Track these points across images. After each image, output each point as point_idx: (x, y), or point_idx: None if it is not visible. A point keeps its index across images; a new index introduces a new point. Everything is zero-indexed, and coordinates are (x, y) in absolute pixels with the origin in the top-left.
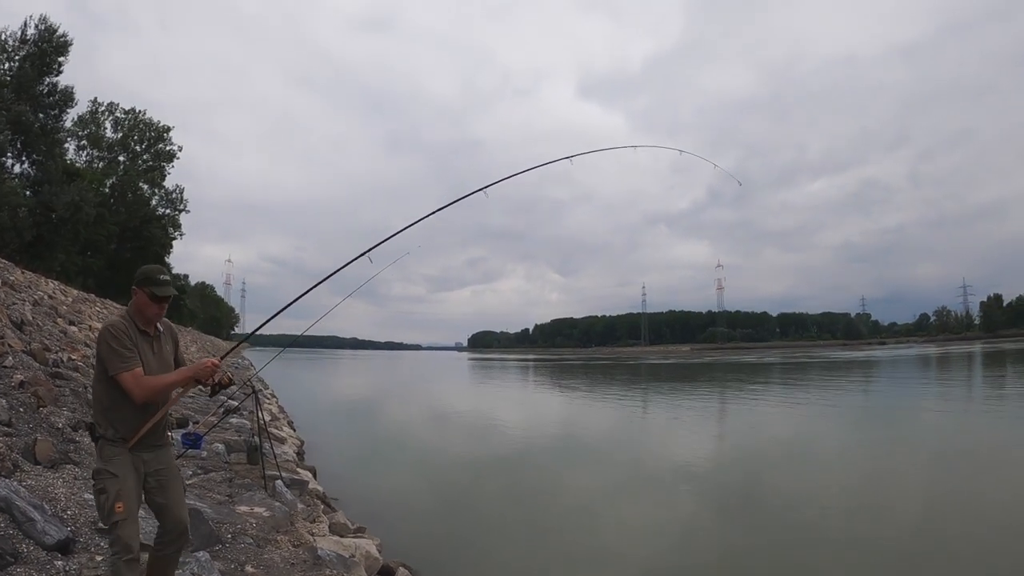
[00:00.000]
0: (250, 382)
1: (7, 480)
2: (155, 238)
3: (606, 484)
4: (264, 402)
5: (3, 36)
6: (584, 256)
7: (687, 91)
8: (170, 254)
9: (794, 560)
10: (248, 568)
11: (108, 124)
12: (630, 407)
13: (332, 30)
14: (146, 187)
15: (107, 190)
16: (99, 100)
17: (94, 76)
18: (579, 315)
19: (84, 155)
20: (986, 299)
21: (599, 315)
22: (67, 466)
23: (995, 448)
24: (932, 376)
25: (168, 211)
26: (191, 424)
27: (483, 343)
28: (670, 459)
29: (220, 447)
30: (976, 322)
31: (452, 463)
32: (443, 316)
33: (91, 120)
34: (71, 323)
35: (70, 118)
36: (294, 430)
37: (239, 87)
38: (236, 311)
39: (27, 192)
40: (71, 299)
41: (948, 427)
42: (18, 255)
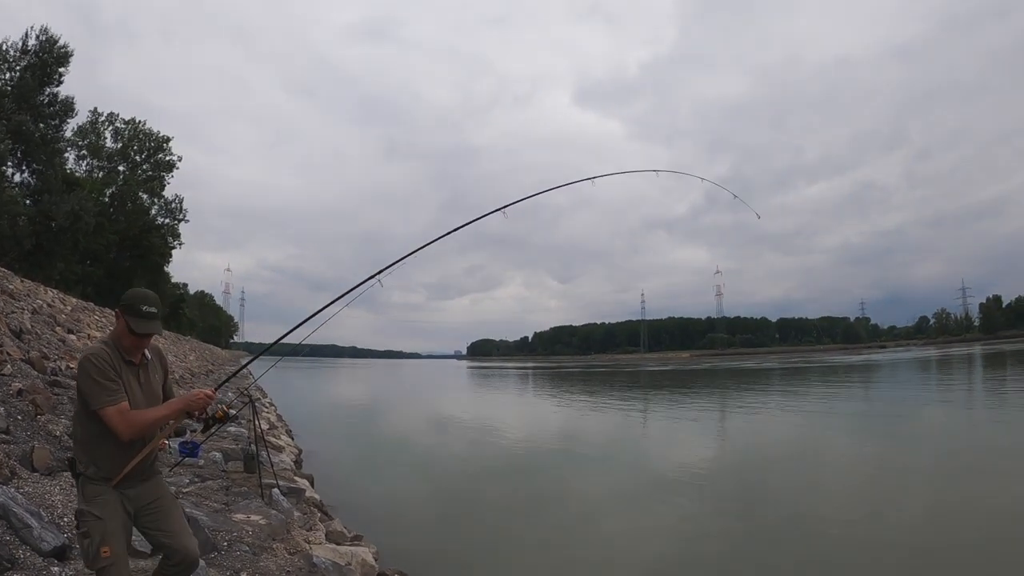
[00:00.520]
0: (248, 391)
1: (5, 487)
2: (154, 247)
3: (603, 492)
4: (262, 411)
5: (4, 46)
6: (583, 263)
7: (684, 97)
8: (169, 263)
9: (796, 565)
10: (244, 575)
11: (108, 134)
12: (627, 414)
13: (331, 39)
14: (146, 197)
15: (107, 199)
16: (99, 110)
17: (96, 86)
18: (578, 322)
19: (84, 165)
20: (985, 300)
21: (598, 322)
22: (64, 474)
23: (993, 451)
24: (929, 379)
25: (167, 220)
26: (188, 432)
27: (482, 351)
28: (667, 466)
29: (217, 455)
30: (976, 324)
31: (450, 471)
32: (442, 324)
33: (91, 130)
34: (70, 331)
35: (70, 128)
36: (292, 439)
37: (239, 96)
38: (235, 320)
39: (27, 201)
40: (70, 308)
41: (945, 431)
42: (17, 264)
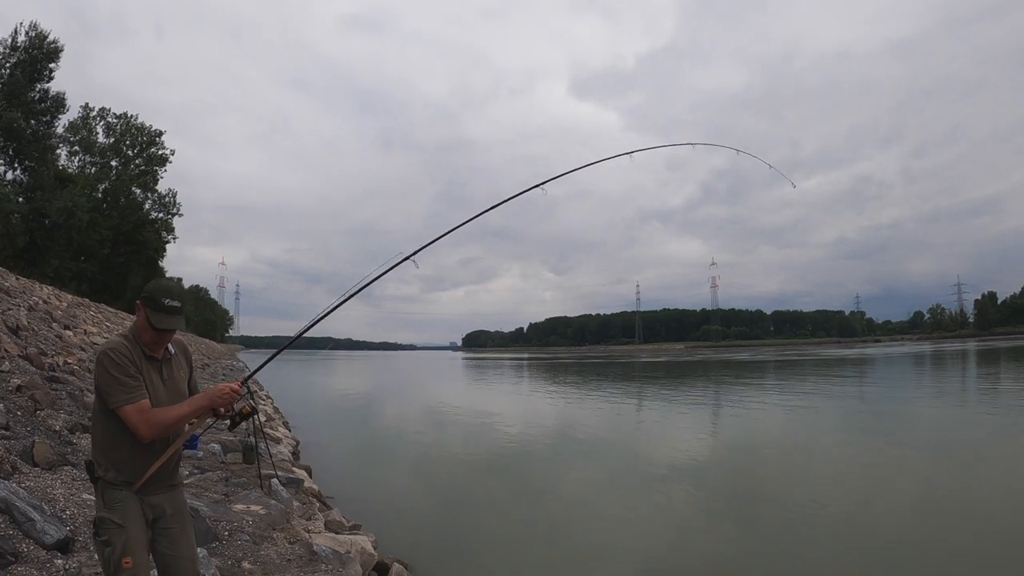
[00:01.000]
0: (246, 384)
1: (7, 482)
2: (148, 242)
3: (596, 480)
4: (259, 403)
5: None
6: (578, 254)
7: (681, 89)
8: (163, 258)
9: (788, 553)
10: (245, 564)
11: (100, 129)
12: (620, 404)
13: (326, 31)
14: (139, 191)
15: (99, 195)
16: (90, 105)
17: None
18: (573, 313)
19: (76, 160)
20: (980, 297)
21: (593, 313)
22: (65, 468)
23: (982, 443)
24: (921, 374)
25: (161, 215)
26: (187, 424)
27: (477, 342)
28: (658, 456)
29: (216, 447)
30: (971, 320)
31: (445, 461)
32: (437, 316)
33: (83, 126)
34: (66, 328)
35: (62, 124)
36: (289, 430)
37: (233, 90)
38: (230, 314)
39: (19, 198)
40: (66, 304)
41: (934, 424)
42: (12, 261)
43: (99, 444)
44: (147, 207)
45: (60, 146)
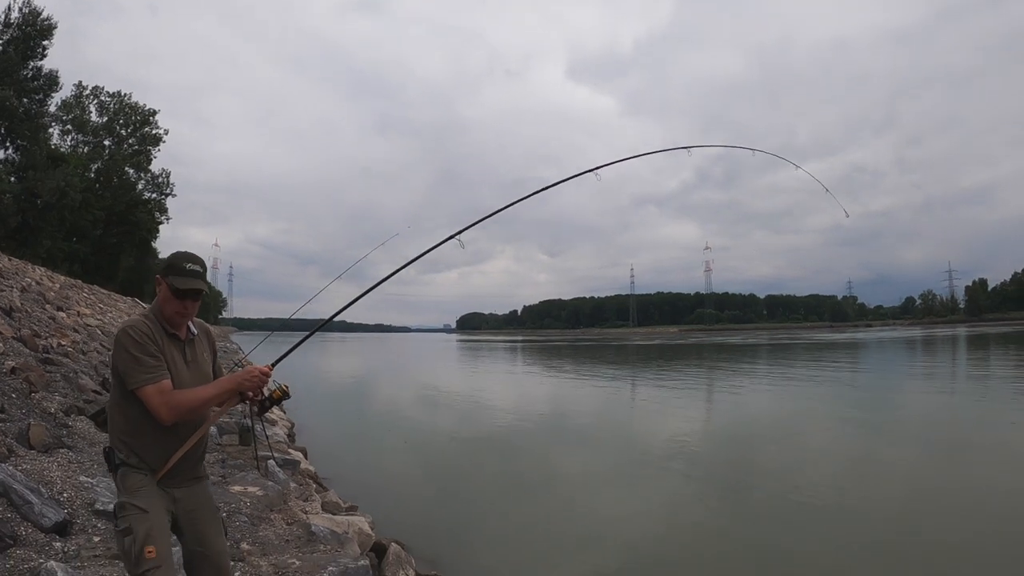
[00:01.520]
0: (240, 367)
1: (3, 464)
2: (141, 223)
3: (591, 460)
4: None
5: None
6: (573, 237)
7: (677, 74)
8: (157, 239)
9: (781, 539)
10: (244, 545)
11: (93, 108)
12: (613, 387)
13: (322, 11)
14: (132, 171)
15: (92, 175)
16: (84, 84)
17: (83, 60)
18: (568, 296)
19: (69, 140)
20: (971, 283)
21: (588, 296)
22: (61, 450)
23: (972, 428)
24: (911, 358)
25: (154, 195)
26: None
27: (471, 325)
28: (652, 439)
29: (212, 429)
30: (961, 306)
31: (440, 442)
32: (431, 298)
33: (76, 104)
34: (59, 309)
35: (54, 102)
36: (284, 412)
37: (228, 69)
38: (224, 295)
39: (11, 178)
40: (58, 285)
41: (923, 407)
42: (3, 242)
43: (118, 430)
44: (140, 187)
45: (53, 125)
